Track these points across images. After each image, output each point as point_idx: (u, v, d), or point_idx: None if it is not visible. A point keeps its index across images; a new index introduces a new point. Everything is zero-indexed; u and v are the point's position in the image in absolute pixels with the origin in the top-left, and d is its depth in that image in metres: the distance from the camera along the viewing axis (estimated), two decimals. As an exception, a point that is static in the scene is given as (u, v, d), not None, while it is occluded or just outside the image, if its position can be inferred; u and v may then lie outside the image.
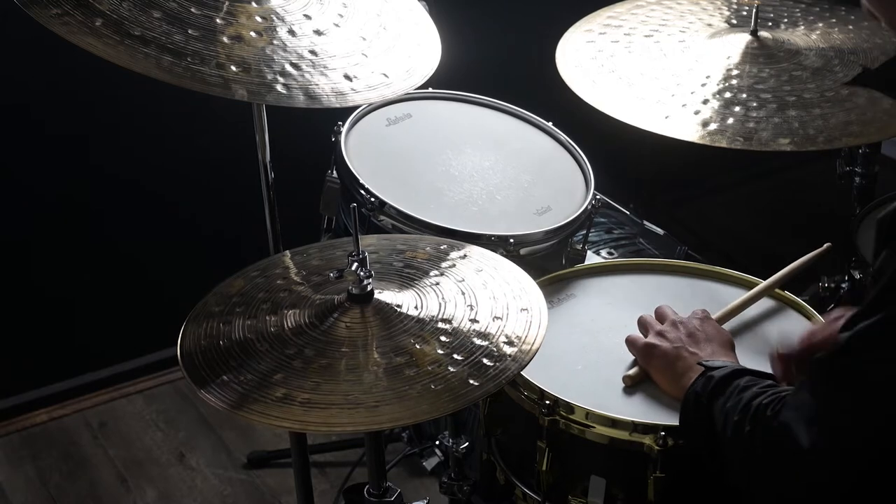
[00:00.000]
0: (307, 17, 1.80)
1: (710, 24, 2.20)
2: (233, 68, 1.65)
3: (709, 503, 1.63)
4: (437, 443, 2.00)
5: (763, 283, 1.86)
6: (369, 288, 1.58)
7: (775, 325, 1.81)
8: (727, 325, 1.77)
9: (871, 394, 1.28)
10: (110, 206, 2.82)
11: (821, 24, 2.19)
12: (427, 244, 1.77)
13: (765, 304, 1.85)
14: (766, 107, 1.95)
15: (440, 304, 1.60)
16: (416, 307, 1.59)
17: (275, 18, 1.76)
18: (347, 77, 1.75)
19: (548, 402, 1.61)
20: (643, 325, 1.74)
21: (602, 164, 2.14)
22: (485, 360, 1.51)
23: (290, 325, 1.57)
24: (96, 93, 2.64)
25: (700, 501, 1.63)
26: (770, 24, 2.18)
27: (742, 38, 2.11)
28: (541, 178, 2.10)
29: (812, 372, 1.35)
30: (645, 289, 1.90)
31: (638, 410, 1.62)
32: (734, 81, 2.02)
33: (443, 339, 1.54)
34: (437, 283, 1.65)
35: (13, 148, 2.68)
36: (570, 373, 1.70)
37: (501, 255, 1.78)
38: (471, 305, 1.61)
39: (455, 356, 1.51)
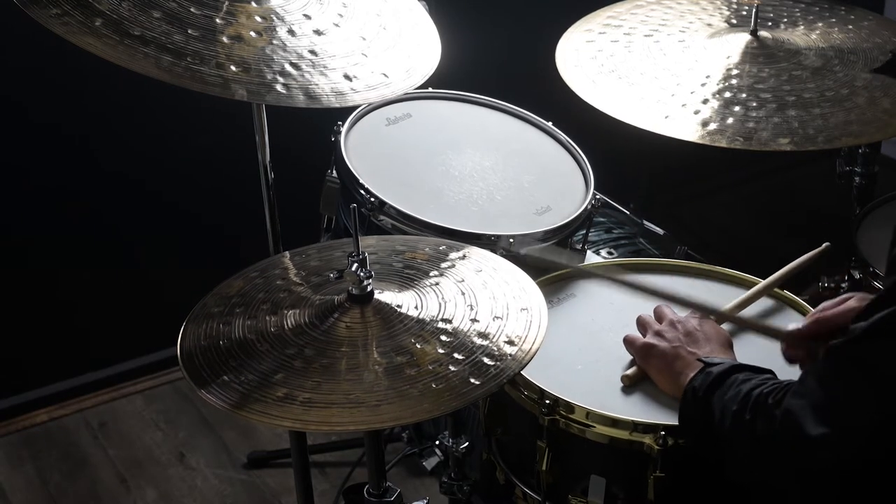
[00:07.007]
0: (307, 17, 1.80)
1: (710, 24, 2.19)
2: (232, 68, 1.65)
3: (709, 503, 1.63)
4: (437, 443, 2.00)
5: (762, 283, 1.86)
6: (369, 288, 1.58)
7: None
8: (726, 325, 1.77)
9: (883, 385, 1.27)
10: (110, 205, 2.82)
11: (821, 24, 2.19)
12: (427, 245, 1.77)
13: (764, 303, 1.85)
14: (765, 107, 1.95)
15: (440, 304, 1.60)
16: (416, 307, 1.59)
17: (274, 18, 1.76)
18: (347, 77, 1.75)
19: (548, 401, 1.61)
20: (642, 324, 1.74)
21: (602, 164, 2.14)
22: (485, 360, 1.51)
23: (290, 325, 1.57)
24: (96, 93, 2.64)
25: (700, 501, 1.63)
26: (770, 23, 2.18)
27: (742, 38, 2.11)
28: (541, 178, 2.10)
29: (823, 359, 1.34)
30: (645, 288, 1.90)
31: (638, 410, 1.62)
32: (734, 81, 2.01)
33: (443, 338, 1.54)
34: (437, 284, 1.65)
35: (13, 147, 2.68)
36: (570, 372, 1.70)
37: (501, 255, 1.78)
38: (471, 305, 1.61)
39: (455, 356, 1.51)
